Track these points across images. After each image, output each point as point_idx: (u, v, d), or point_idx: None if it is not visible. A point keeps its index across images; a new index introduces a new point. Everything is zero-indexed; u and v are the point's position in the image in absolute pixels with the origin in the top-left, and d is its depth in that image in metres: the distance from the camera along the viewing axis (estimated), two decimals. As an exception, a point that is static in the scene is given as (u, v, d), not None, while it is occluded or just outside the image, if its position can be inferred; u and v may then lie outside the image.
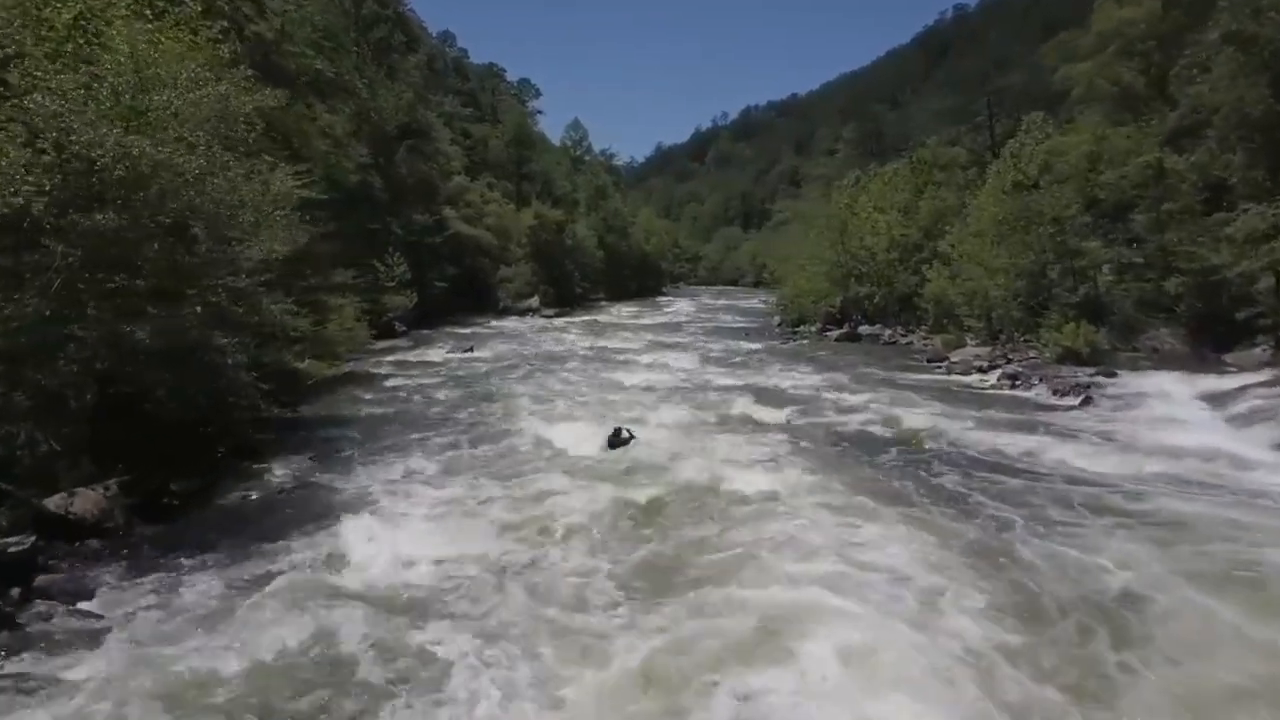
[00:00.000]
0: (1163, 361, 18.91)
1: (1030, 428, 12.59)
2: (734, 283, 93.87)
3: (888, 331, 28.12)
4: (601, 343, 27.33)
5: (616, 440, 11.55)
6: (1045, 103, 31.70)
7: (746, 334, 31.80)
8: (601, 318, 41.07)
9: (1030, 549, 7.12)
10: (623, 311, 46.50)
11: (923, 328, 27.30)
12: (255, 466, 9.74)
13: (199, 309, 8.87)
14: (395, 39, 40.86)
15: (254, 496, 8.69)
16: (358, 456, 10.61)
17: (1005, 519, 8.01)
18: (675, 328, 35.19)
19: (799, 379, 18.17)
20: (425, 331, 29.69)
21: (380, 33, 38.62)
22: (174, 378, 9.56)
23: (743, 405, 14.63)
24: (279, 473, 9.62)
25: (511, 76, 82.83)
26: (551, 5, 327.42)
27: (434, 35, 74.11)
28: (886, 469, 10.29)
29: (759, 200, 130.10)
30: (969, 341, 22.78)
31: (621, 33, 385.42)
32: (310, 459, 10.34)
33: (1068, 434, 12.17)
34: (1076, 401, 14.52)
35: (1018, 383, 16.52)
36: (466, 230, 41.17)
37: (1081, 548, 7.06)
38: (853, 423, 13.20)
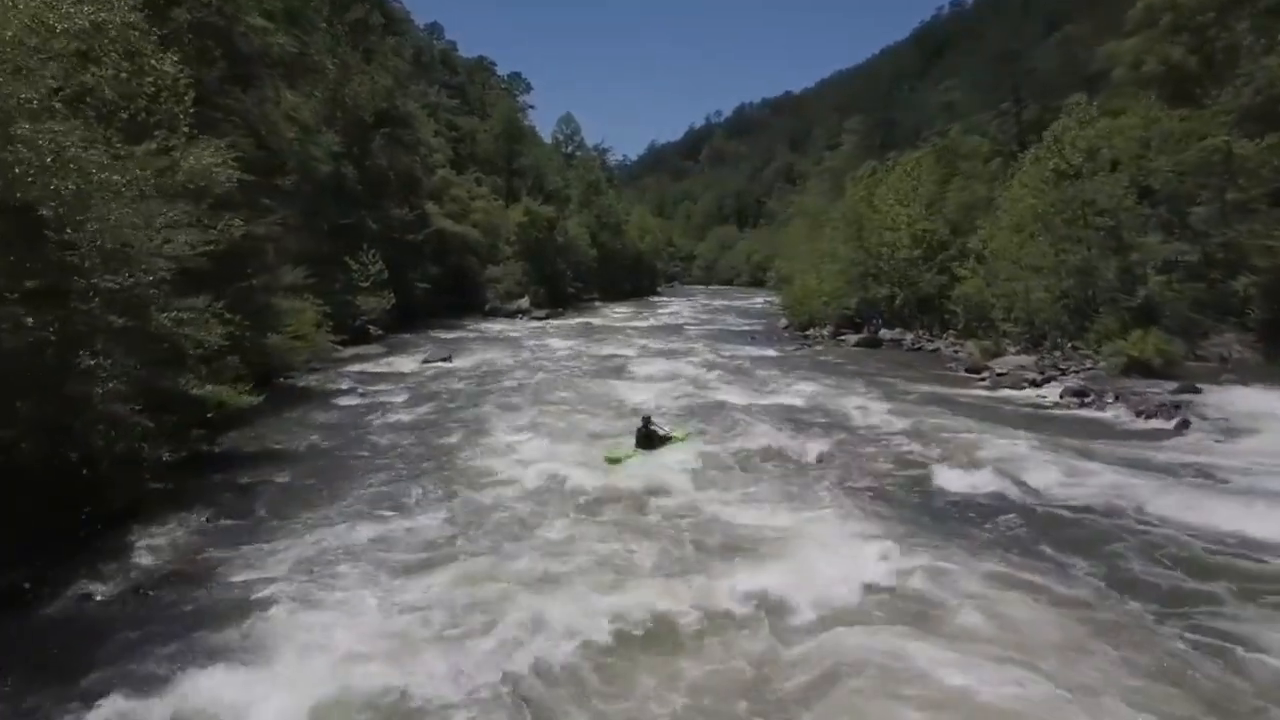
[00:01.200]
0: (1237, 372, 16.63)
1: (1125, 463, 10.48)
2: (729, 282, 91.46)
3: (910, 336, 25.63)
4: (596, 349, 24.82)
5: (649, 438, 10.42)
6: (1077, 87, 29.31)
7: (752, 338, 29.41)
8: (595, 319, 38.50)
9: (1184, 641, 5.53)
10: (617, 313, 43.93)
11: (950, 332, 24.83)
12: (127, 537, 7.13)
13: (31, 321, 6.26)
14: (373, 20, 38.02)
15: (104, 594, 6.05)
16: (274, 516, 7.99)
17: (1136, 595, 6.30)
18: (675, 331, 32.72)
19: (824, 394, 15.73)
20: (404, 335, 27.22)
21: (357, 14, 35.81)
22: (20, 413, 7.10)
23: (767, 431, 12.20)
24: (157, 548, 7.00)
25: (502, 71, 79.83)
26: (545, 5, 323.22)
27: (421, 27, 71.23)
28: (968, 521, 8.32)
29: (754, 198, 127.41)
30: (1008, 349, 20.30)
31: (616, 32, 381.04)
32: (208, 521, 7.73)
33: (1173, 471, 10.13)
34: (1170, 425, 12.16)
35: (1087, 400, 14.08)
36: (451, 227, 38.64)
37: (1245, 642, 5.45)
38: (906, 456, 10.93)
